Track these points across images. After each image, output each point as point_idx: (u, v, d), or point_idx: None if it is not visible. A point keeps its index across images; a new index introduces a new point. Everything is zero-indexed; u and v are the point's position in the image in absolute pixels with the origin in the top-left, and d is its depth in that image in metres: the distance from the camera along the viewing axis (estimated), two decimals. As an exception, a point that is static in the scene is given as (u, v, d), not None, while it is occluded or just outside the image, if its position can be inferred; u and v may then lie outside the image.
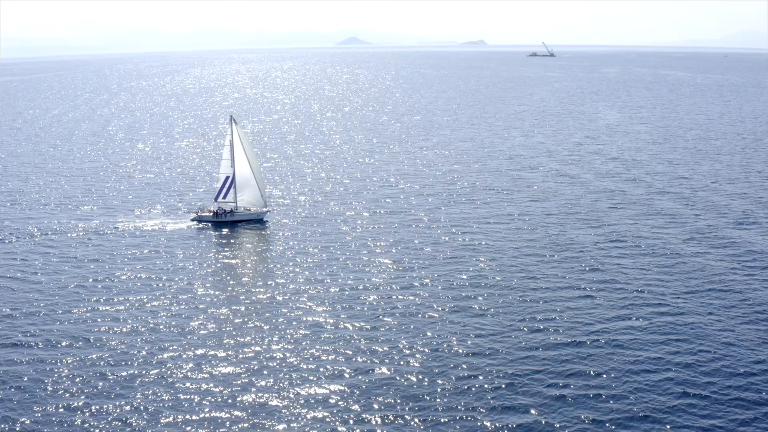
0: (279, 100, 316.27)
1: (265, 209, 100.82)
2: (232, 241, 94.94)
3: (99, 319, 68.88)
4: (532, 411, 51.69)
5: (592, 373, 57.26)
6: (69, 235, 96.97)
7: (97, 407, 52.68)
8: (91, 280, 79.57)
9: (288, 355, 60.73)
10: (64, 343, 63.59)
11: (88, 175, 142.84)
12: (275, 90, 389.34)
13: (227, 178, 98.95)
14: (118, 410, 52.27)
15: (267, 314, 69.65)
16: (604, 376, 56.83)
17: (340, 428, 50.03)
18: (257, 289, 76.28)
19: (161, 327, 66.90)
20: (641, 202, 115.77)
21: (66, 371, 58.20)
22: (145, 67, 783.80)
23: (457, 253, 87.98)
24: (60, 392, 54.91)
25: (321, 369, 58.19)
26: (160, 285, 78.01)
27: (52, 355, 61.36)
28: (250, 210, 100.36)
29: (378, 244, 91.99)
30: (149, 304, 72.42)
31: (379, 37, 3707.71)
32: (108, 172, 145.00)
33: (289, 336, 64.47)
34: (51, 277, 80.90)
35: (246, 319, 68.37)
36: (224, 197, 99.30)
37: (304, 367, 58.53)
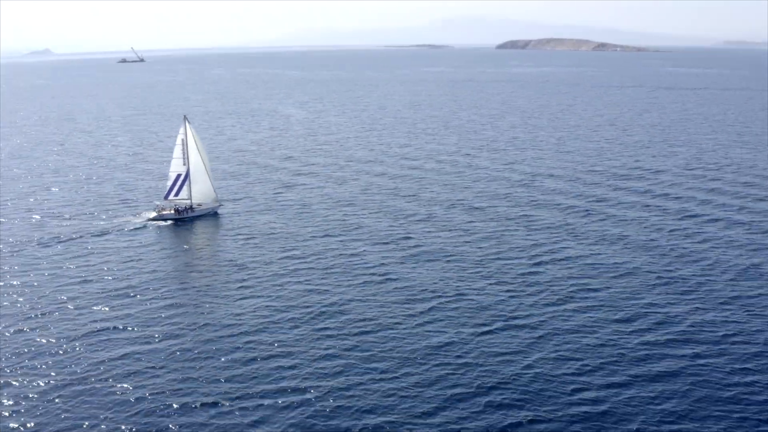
0: None
1: (217, 203, 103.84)
2: (200, 236, 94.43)
3: (68, 328, 63.63)
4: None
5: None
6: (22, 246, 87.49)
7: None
8: (66, 288, 73.52)
9: (261, 354, 58.16)
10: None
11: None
12: None
13: (178, 175, 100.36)
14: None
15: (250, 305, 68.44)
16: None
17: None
18: (237, 283, 75.01)
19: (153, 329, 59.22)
20: (416, 175, 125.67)
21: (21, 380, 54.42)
22: None
23: (416, 243, 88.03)
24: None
25: (285, 365, 56.15)
26: (144, 288, 73.51)
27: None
28: (201, 205, 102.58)
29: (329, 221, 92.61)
30: (134, 308, 68.23)
31: None
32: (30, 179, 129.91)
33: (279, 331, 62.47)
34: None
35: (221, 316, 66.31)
36: (176, 194, 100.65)
37: (268, 364, 56.25)
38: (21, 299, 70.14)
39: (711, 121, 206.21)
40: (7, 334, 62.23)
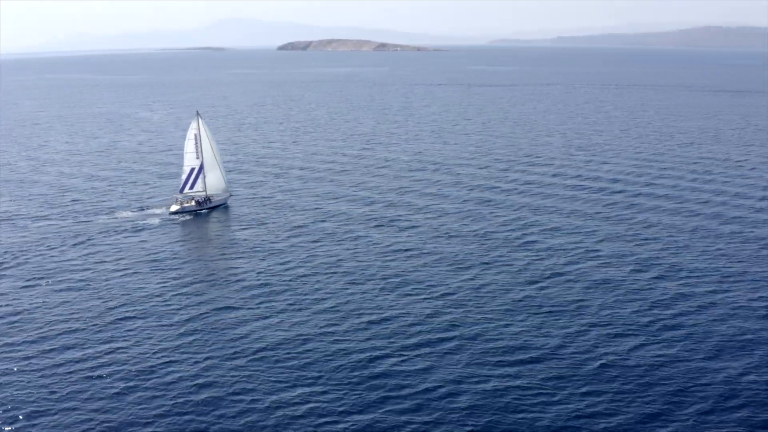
0: None
1: (227, 194, 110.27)
2: (226, 225, 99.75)
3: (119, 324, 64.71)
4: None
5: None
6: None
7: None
8: (98, 281, 75.20)
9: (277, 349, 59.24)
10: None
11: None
12: None
13: (192, 169, 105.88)
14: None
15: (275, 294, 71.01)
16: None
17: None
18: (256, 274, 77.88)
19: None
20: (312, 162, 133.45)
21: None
22: None
23: (425, 235, 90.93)
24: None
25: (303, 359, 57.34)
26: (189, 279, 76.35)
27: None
28: (214, 196, 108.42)
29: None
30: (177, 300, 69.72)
31: None
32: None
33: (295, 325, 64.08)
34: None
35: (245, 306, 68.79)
36: (191, 187, 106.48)
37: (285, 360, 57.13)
38: (59, 291, 71.87)
39: (555, 113, 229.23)
40: (38, 317, 64.81)
